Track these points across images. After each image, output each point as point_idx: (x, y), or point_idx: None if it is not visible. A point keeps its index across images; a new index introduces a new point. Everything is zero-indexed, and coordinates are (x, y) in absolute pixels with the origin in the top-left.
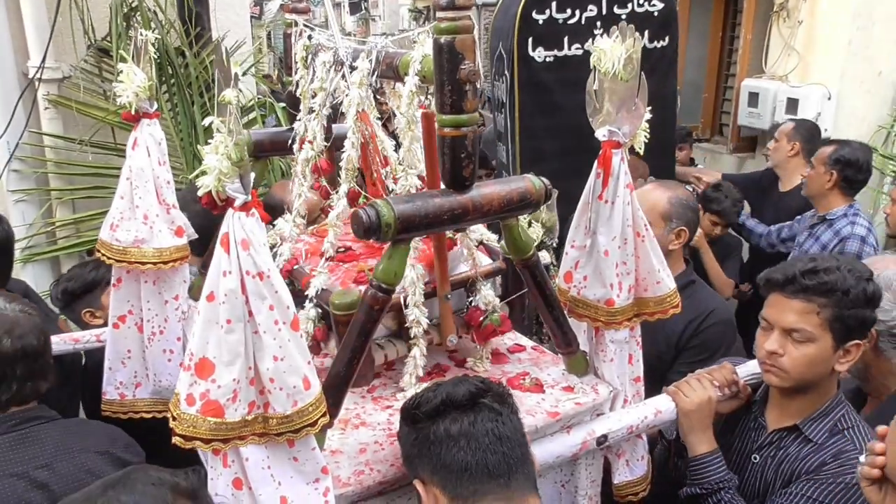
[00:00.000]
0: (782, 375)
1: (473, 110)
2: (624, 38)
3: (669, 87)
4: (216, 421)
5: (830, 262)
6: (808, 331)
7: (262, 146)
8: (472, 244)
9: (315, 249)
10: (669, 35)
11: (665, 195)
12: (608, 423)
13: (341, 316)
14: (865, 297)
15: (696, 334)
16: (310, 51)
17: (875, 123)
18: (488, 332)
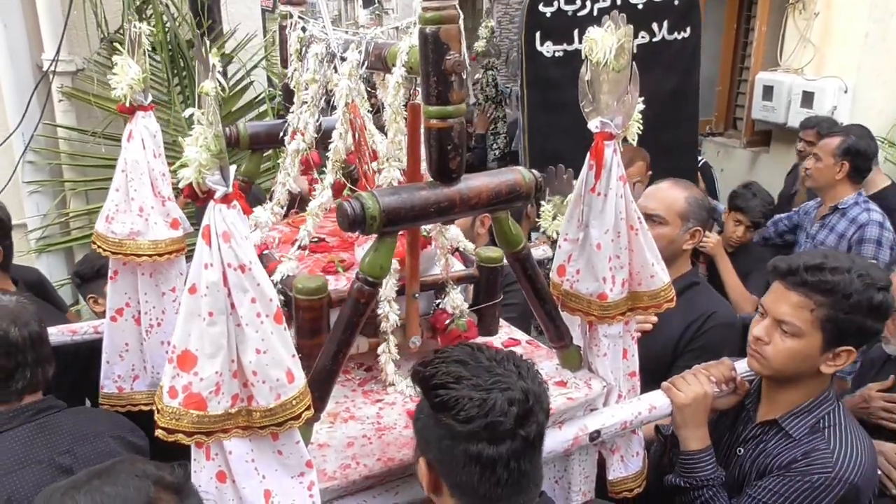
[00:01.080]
0: (763, 363)
1: (460, 101)
2: (616, 28)
3: (692, 83)
4: (199, 414)
5: (843, 262)
6: (797, 326)
7: (257, 139)
8: (446, 244)
9: (288, 238)
10: (691, 25)
11: (683, 194)
12: (601, 419)
13: (303, 301)
14: (870, 305)
15: (695, 337)
16: (303, 43)
17: (892, 116)
18: (453, 336)
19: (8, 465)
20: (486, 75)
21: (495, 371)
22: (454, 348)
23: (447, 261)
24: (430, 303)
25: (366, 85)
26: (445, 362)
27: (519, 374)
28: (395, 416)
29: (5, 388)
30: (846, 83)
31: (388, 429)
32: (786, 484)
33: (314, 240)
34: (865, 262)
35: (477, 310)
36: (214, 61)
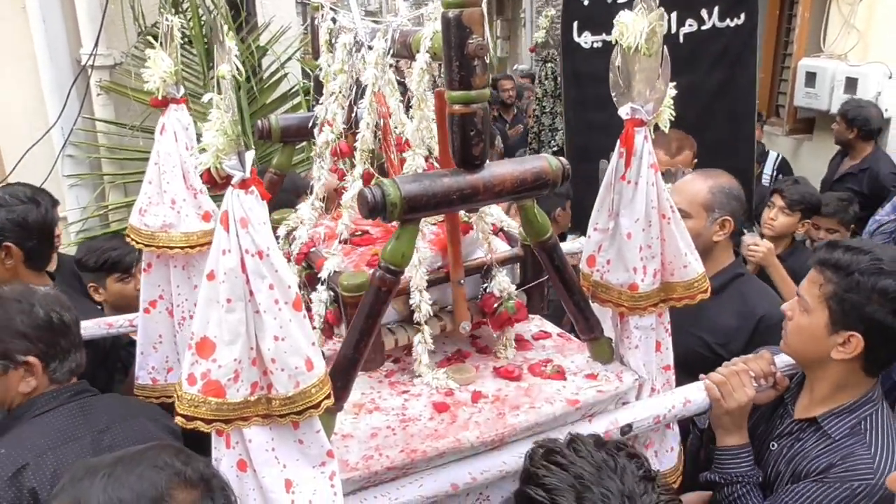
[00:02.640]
0: (784, 339)
1: (483, 86)
2: (647, 11)
3: (747, 75)
4: (217, 401)
5: (866, 246)
6: (807, 300)
7: (288, 131)
8: (487, 228)
9: (334, 233)
10: (746, 11)
11: (706, 184)
12: (633, 412)
13: (349, 297)
14: (873, 287)
15: (749, 342)
16: (333, 34)
17: None
18: (503, 319)
19: (54, 441)
20: (546, 68)
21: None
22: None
23: (490, 244)
24: (477, 286)
25: (397, 75)
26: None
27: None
28: (420, 408)
29: (61, 368)
30: (891, 69)
31: (412, 420)
32: (823, 491)
33: (358, 233)
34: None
35: (525, 289)
36: (231, 44)
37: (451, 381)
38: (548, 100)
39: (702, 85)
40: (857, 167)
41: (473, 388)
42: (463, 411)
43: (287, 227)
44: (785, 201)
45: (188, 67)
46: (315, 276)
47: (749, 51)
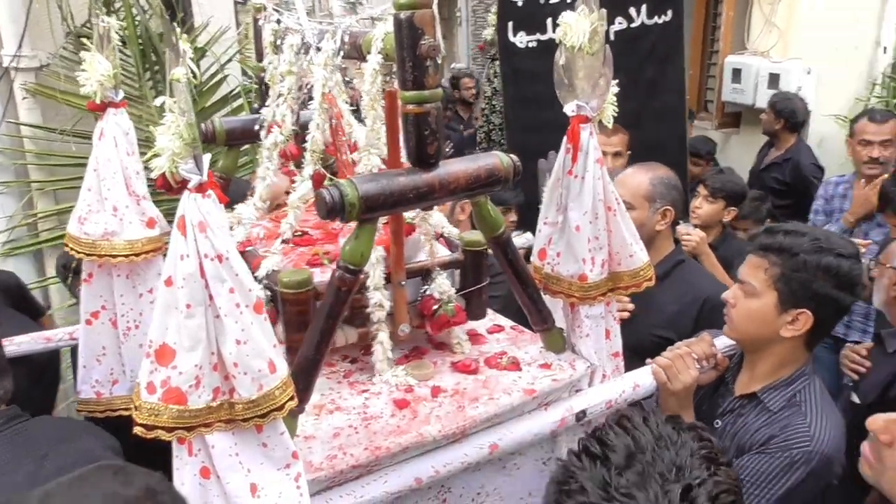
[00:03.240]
0: (731, 325)
1: (435, 86)
2: (589, 12)
3: (675, 70)
4: (179, 408)
5: (804, 229)
6: (753, 285)
7: (233, 134)
8: (430, 231)
9: (272, 233)
10: (673, 9)
11: (647, 177)
12: (586, 399)
13: (289, 294)
14: (818, 265)
15: (694, 325)
16: (278, 35)
17: (853, 96)
18: (441, 322)
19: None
20: (494, 66)
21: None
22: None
23: (432, 247)
24: (417, 290)
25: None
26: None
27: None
28: (381, 406)
29: None
30: (809, 64)
31: (374, 418)
32: (766, 461)
33: (297, 233)
34: (833, 234)
35: (464, 294)
36: (185, 47)
37: (410, 377)
38: (497, 98)
39: (634, 82)
40: (781, 157)
41: (432, 384)
42: (423, 406)
43: None
44: (708, 190)
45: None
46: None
47: (677, 47)
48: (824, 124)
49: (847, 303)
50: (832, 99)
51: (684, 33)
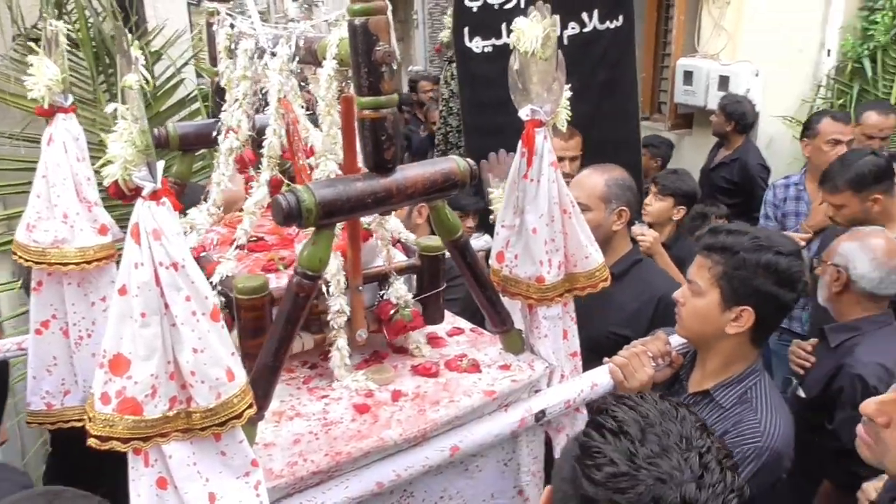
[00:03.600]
0: (680, 324)
1: (391, 91)
2: (542, 17)
3: (627, 74)
4: (134, 419)
5: (745, 228)
6: (699, 284)
7: (188, 139)
8: (387, 236)
9: (226, 239)
10: (624, 14)
11: (602, 178)
12: (545, 399)
13: (245, 300)
14: (758, 263)
15: (650, 324)
16: (232, 39)
17: (799, 98)
18: (398, 327)
19: None
20: (451, 68)
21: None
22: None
23: (389, 252)
24: (374, 295)
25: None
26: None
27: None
28: (341, 411)
29: None
30: (757, 67)
31: (334, 423)
32: None
33: (253, 239)
34: (774, 233)
35: (421, 299)
36: (136, 53)
37: (371, 382)
38: (454, 100)
39: (588, 85)
40: (729, 157)
41: (393, 388)
42: (384, 411)
43: None
44: (658, 188)
45: (75, 72)
46: None
47: (629, 51)
48: (772, 125)
49: (788, 299)
50: (779, 100)
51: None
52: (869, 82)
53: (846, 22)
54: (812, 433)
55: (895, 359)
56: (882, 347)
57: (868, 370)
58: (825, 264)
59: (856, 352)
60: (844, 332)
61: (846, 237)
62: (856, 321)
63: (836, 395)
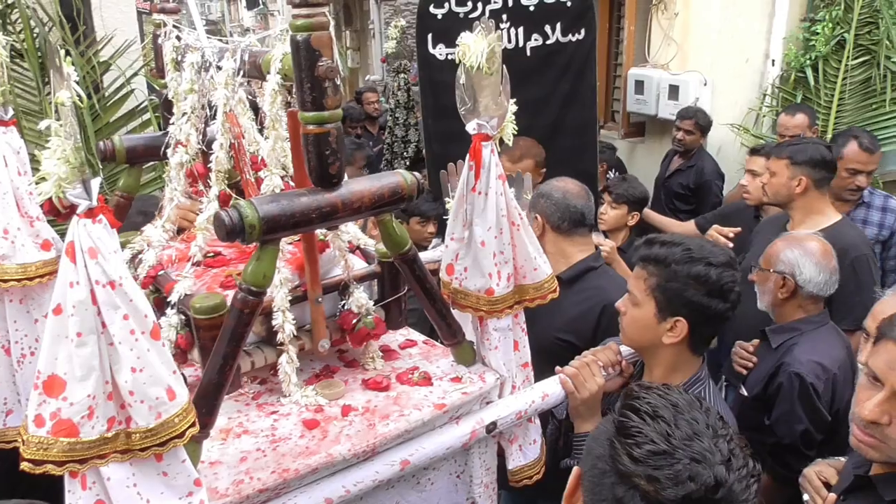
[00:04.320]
0: (622, 333)
1: (335, 107)
2: (487, 32)
3: (587, 85)
4: (70, 441)
5: (679, 240)
6: (636, 295)
7: (135, 152)
8: (343, 246)
9: (184, 255)
10: (586, 27)
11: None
12: (496, 411)
13: (203, 320)
14: (689, 274)
15: (595, 332)
16: (179, 52)
17: (746, 106)
18: (362, 335)
19: None
20: (398, 79)
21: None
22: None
23: (347, 261)
24: (335, 304)
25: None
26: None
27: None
28: (290, 427)
29: None
30: (705, 77)
31: (283, 440)
32: None
33: (210, 254)
34: (708, 242)
35: (383, 305)
36: (69, 70)
37: (320, 397)
38: (401, 111)
39: (550, 95)
40: (685, 164)
41: (343, 402)
42: (334, 426)
43: (132, 250)
44: (611, 196)
45: (20, 83)
46: (164, 300)
47: (590, 63)
48: (721, 133)
49: (720, 309)
50: (727, 109)
51: None
52: (811, 91)
53: (789, 33)
54: (752, 430)
55: (832, 357)
56: (820, 346)
57: (806, 368)
58: (767, 272)
59: (794, 351)
60: (785, 333)
61: (783, 244)
62: (796, 322)
63: (775, 392)
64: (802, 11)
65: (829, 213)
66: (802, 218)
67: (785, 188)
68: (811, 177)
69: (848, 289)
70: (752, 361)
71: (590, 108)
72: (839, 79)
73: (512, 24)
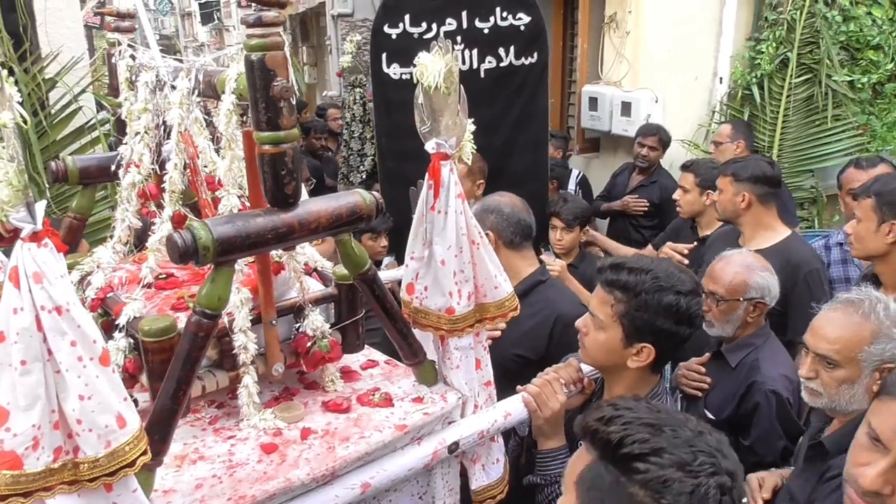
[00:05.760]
0: (584, 352)
1: (291, 126)
2: (444, 53)
3: (539, 107)
4: (13, 474)
5: (646, 265)
6: (601, 319)
7: (88, 172)
8: (299, 268)
9: (135, 277)
10: (538, 50)
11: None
12: (459, 430)
13: (152, 343)
14: (658, 305)
15: (549, 346)
16: (133, 71)
17: (696, 123)
18: (316, 359)
19: None
20: (354, 93)
21: (697, 446)
22: (631, 404)
23: (303, 283)
24: (290, 327)
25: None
26: (632, 424)
27: (719, 450)
28: (248, 451)
29: None
30: (656, 94)
31: (240, 465)
32: None
33: (162, 276)
34: (672, 267)
35: (340, 328)
36: (12, 91)
37: (279, 420)
38: (356, 125)
39: (503, 116)
40: (647, 180)
41: (302, 425)
42: (293, 450)
43: (81, 272)
44: (563, 222)
45: None
46: (112, 323)
47: (542, 86)
48: (672, 148)
49: (686, 335)
50: (679, 125)
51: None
52: (758, 108)
53: (736, 52)
54: None
55: (789, 365)
56: (778, 358)
57: (779, 384)
58: (736, 302)
59: (761, 368)
60: (742, 350)
61: (743, 272)
62: (749, 338)
63: (750, 412)
64: (748, 31)
65: (778, 229)
66: (752, 234)
67: (731, 204)
68: (754, 192)
69: (804, 303)
70: (707, 382)
71: (542, 129)
72: (783, 96)
73: (466, 46)
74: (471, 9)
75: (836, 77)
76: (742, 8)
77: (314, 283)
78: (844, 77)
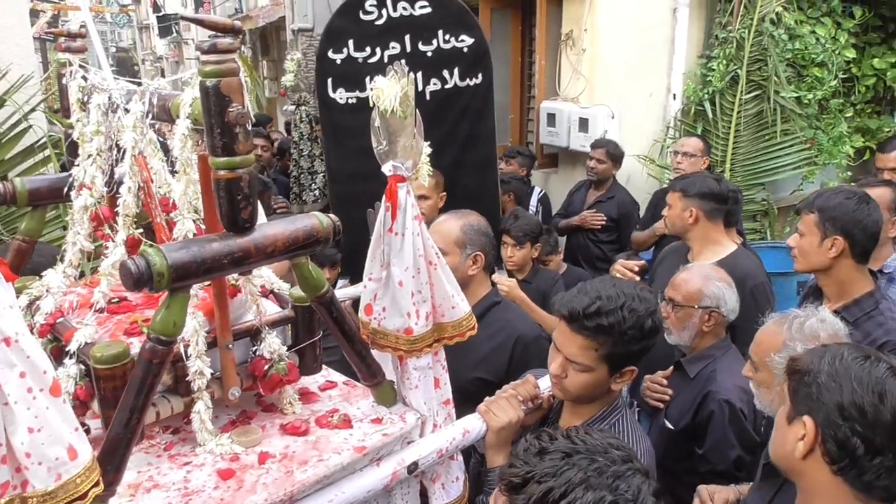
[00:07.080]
0: (564, 392)
1: (247, 152)
2: (399, 77)
3: (486, 127)
4: None
5: (614, 300)
6: (586, 364)
7: (38, 194)
8: (255, 291)
9: (86, 301)
10: (482, 71)
11: (458, 224)
12: (418, 450)
13: (104, 370)
14: (641, 333)
15: (510, 366)
16: (85, 92)
17: (651, 138)
18: (274, 382)
19: None
20: (300, 111)
21: (616, 473)
22: (544, 439)
23: (259, 306)
24: (247, 350)
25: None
26: (544, 459)
27: (636, 470)
28: (204, 478)
29: None
30: (612, 110)
31: (196, 493)
32: None
33: (114, 300)
34: (630, 288)
35: (297, 350)
36: None
37: (236, 444)
38: (304, 143)
39: (450, 136)
40: (605, 195)
41: (260, 449)
42: (250, 475)
43: (30, 296)
44: (514, 239)
45: None
46: (62, 349)
47: (488, 106)
48: (628, 163)
49: (650, 346)
50: (635, 140)
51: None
52: (710, 123)
53: (688, 69)
54: (683, 460)
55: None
56: (736, 369)
57: (733, 394)
58: (690, 309)
59: (718, 378)
60: (701, 362)
61: (700, 280)
62: (709, 350)
63: (705, 421)
64: (700, 49)
65: (725, 244)
66: (700, 248)
67: (679, 219)
68: (701, 208)
69: (750, 316)
70: (668, 394)
71: (490, 149)
72: (734, 112)
73: (411, 70)
74: (413, 32)
75: (783, 93)
76: (693, 26)
77: (271, 306)
78: (791, 93)
